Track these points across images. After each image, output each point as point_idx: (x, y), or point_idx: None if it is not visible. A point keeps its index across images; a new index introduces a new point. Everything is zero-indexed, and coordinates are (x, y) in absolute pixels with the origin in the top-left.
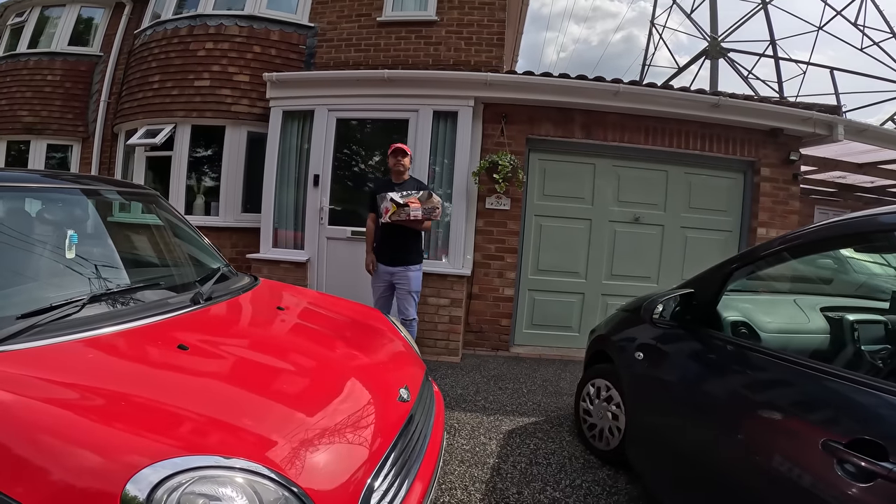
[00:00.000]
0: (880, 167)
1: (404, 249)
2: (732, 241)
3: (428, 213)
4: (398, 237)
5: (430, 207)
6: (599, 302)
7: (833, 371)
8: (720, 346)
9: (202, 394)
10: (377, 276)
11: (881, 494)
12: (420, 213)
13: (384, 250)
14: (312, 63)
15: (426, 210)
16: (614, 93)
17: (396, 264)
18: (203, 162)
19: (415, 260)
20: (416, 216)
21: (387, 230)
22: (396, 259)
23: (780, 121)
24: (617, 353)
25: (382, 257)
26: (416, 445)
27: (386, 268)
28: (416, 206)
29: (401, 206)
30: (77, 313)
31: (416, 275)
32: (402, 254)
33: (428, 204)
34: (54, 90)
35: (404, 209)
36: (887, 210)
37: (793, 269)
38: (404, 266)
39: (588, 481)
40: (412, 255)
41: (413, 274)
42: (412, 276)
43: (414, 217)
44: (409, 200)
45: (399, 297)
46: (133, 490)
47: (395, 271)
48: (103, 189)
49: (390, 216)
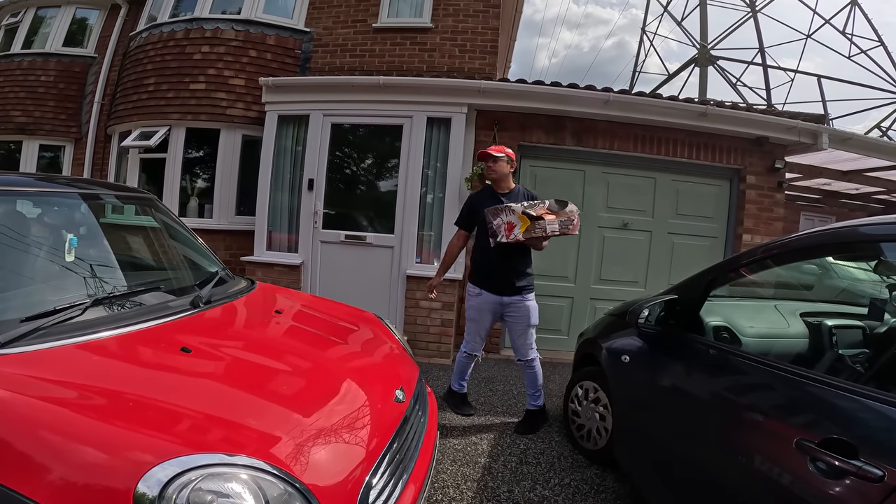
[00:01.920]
0: (865, 175)
1: (520, 274)
2: (718, 247)
3: (564, 226)
4: (512, 259)
5: (566, 220)
6: (588, 306)
7: (807, 374)
8: (702, 350)
9: (207, 395)
10: (480, 306)
11: (851, 490)
12: (557, 226)
13: (494, 276)
14: (308, 68)
15: (563, 223)
16: (604, 101)
17: (510, 293)
18: (197, 164)
19: (531, 286)
20: (554, 231)
21: (499, 250)
22: (510, 287)
23: (765, 129)
24: (604, 357)
25: (491, 284)
26: (410, 445)
27: (495, 297)
28: (552, 217)
29: (534, 218)
30: (79, 317)
31: (534, 304)
32: (517, 279)
33: (562, 215)
34: (48, 91)
35: (539, 223)
36: (869, 221)
37: (775, 275)
38: (520, 295)
39: (577, 480)
40: (527, 279)
41: (531, 304)
42: (531, 306)
43: (552, 232)
44: (539, 212)
45: (514, 333)
46: (143, 488)
47: (508, 301)
48: (102, 193)
49: (522, 233)
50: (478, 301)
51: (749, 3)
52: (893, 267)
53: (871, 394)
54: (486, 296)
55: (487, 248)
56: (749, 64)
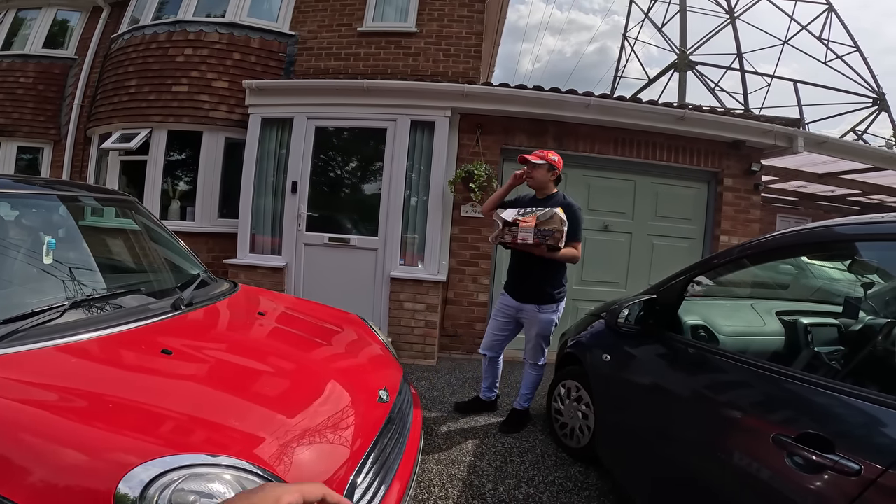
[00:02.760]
0: (840, 177)
1: (538, 281)
2: (696, 248)
3: (542, 236)
4: (532, 264)
5: (546, 230)
6: (570, 307)
7: (783, 371)
8: (680, 348)
9: (189, 396)
10: (500, 305)
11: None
12: (531, 235)
13: (514, 279)
14: (292, 71)
15: (540, 232)
16: (586, 105)
17: (526, 300)
18: (179, 166)
19: (549, 297)
20: (525, 239)
21: (518, 255)
22: (526, 294)
23: (742, 133)
24: (586, 356)
25: (510, 287)
26: (395, 445)
27: (512, 301)
28: (528, 225)
29: (507, 224)
30: (58, 319)
31: (548, 317)
32: (534, 287)
33: (546, 224)
34: (26, 92)
35: (510, 230)
36: (843, 221)
37: (752, 274)
38: (536, 304)
39: (560, 477)
40: (547, 290)
41: (544, 316)
42: (542, 318)
43: (522, 240)
44: (521, 219)
45: (526, 337)
46: (125, 488)
47: (522, 308)
48: (81, 195)
49: (492, 237)
50: (499, 301)
51: (728, 10)
52: (867, 266)
53: (847, 390)
54: (505, 297)
55: (512, 251)
56: (727, 69)
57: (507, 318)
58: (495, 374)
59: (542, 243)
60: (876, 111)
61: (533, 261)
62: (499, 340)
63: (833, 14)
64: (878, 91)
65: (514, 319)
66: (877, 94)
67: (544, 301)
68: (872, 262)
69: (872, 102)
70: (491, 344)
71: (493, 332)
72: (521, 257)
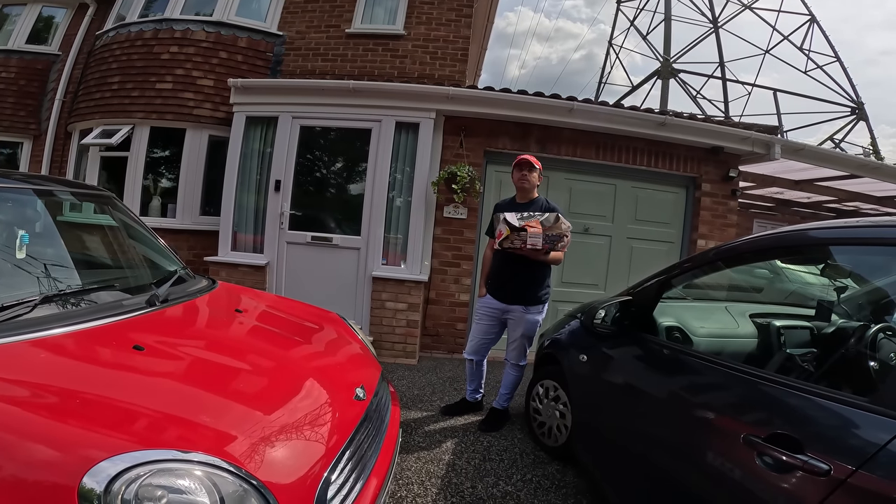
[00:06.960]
0: (816, 184)
1: (524, 283)
2: (674, 252)
3: (551, 241)
4: (517, 266)
5: (554, 235)
6: (550, 308)
7: (755, 373)
8: (655, 349)
9: (160, 393)
10: (483, 309)
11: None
12: (540, 240)
13: (497, 281)
14: (279, 70)
15: (549, 238)
16: (569, 109)
17: (512, 301)
18: (161, 163)
19: (536, 298)
20: (535, 244)
21: (504, 257)
22: (512, 295)
23: (720, 139)
24: (563, 356)
25: (495, 290)
26: (371, 442)
27: (497, 303)
28: (537, 230)
29: (516, 230)
30: (28, 314)
31: (534, 318)
32: (521, 288)
33: (553, 230)
34: (8, 87)
35: (519, 235)
36: (817, 225)
37: (727, 277)
38: (522, 305)
39: (538, 475)
40: (534, 292)
41: (531, 317)
42: (529, 319)
43: (531, 246)
44: (527, 223)
45: (510, 338)
46: (90, 482)
47: (509, 309)
48: (57, 189)
49: (500, 242)
50: (480, 303)
51: (712, 20)
52: (840, 270)
53: (818, 391)
54: (488, 299)
55: (496, 253)
56: (709, 77)
57: (493, 320)
58: (481, 377)
59: (552, 249)
60: (854, 120)
61: (519, 263)
62: (485, 343)
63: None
64: (857, 100)
65: (499, 321)
66: (855, 104)
67: (531, 302)
68: (845, 265)
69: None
70: (477, 348)
71: (478, 336)
72: (506, 259)
